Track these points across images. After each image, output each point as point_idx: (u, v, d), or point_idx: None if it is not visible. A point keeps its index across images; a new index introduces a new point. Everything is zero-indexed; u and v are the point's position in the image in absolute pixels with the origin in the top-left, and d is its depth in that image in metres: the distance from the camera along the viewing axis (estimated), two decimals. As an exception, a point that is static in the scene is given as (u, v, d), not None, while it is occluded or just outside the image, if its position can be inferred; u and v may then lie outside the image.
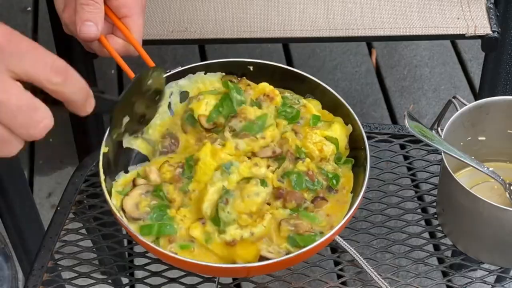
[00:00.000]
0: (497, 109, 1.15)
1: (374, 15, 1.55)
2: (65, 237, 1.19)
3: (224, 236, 1.04)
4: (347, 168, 1.13)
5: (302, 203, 1.07)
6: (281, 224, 1.05)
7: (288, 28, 1.54)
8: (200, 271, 1.09)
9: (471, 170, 1.14)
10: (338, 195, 1.10)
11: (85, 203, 1.24)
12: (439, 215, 1.17)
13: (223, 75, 1.18)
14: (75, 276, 1.14)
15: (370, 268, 1.09)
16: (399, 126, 1.32)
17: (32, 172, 2.21)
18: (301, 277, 1.14)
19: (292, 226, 1.05)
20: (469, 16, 1.53)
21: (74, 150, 1.96)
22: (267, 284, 1.11)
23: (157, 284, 1.13)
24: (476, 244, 1.11)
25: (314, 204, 1.08)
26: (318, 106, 1.17)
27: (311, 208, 1.08)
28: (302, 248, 1.01)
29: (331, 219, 1.08)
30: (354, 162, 1.13)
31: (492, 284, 1.12)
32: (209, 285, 1.13)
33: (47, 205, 2.13)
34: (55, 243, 1.18)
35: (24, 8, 2.58)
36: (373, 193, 1.23)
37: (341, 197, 1.10)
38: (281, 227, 1.05)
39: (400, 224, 1.19)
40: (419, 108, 2.37)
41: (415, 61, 2.50)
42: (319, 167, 1.10)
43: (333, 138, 1.12)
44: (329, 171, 1.10)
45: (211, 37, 1.55)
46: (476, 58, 2.50)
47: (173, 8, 1.58)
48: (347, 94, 2.40)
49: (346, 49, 2.52)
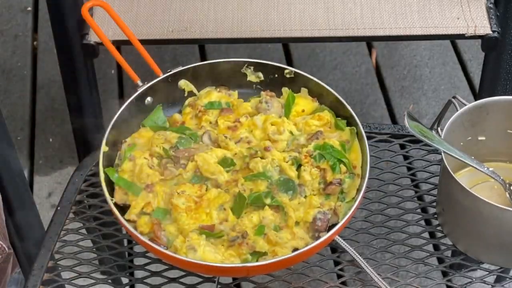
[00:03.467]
0: (497, 109, 1.15)
1: (374, 15, 1.55)
2: (65, 237, 1.19)
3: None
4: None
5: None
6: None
7: (288, 28, 1.54)
8: (200, 271, 1.09)
9: (471, 170, 1.14)
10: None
11: (85, 203, 1.24)
12: (439, 215, 1.17)
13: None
14: (75, 276, 1.14)
15: (370, 268, 1.09)
16: (399, 126, 1.32)
17: (32, 172, 2.20)
18: (301, 277, 1.14)
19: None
20: (469, 16, 1.53)
21: (74, 150, 1.96)
22: (267, 284, 1.11)
23: (157, 284, 1.13)
24: (476, 244, 1.11)
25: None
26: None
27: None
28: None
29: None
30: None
31: (492, 284, 1.12)
32: (209, 285, 1.13)
33: (47, 205, 2.13)
34: (55, 243, 1.18)
35: (24, 8, 2.58)
36: (373, 193, 1.23)
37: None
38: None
39: (400, 224, 1.19)
40: (419, 108, 2.37)
41: (415, 61, 2.50)
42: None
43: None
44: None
45: (211, 37, 1.55)
46: (476, 58, 2.49)
47: (173, 8, 1.58)
48: (347, 94, 2.39)
49: (346, 49, 2.51)
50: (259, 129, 1.18)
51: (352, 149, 1.15)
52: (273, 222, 1.09)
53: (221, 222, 1.10)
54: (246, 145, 1.16)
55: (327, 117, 1.18)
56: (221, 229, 1.09)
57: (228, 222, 1.10)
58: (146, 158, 1.15)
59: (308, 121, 1.18)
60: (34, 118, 2.32)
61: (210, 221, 1.10)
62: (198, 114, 1.21)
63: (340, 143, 1.15)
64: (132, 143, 1.18)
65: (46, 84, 2.36)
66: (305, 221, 1.10)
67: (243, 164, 1.15)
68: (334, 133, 1.18)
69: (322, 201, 1.11)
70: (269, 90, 1.23)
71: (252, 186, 1.12)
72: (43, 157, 2.23)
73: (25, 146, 2.26)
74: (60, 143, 2.25)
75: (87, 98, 1.65)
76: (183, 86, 1.24)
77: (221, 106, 1.21)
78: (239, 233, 1.08)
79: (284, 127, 1.17)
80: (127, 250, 1.24)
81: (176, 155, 1.15)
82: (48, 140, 2.26)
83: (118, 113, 1.17)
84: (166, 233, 1.09)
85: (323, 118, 1.18)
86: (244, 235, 1.07)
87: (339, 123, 1.18)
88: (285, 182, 1.12)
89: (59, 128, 2.25)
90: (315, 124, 1.18)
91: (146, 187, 1.13)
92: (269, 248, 1.07)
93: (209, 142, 1.17)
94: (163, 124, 1.21)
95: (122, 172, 1.15)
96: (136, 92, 1.19)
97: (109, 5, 1.23)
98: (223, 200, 1.11)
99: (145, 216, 1.11)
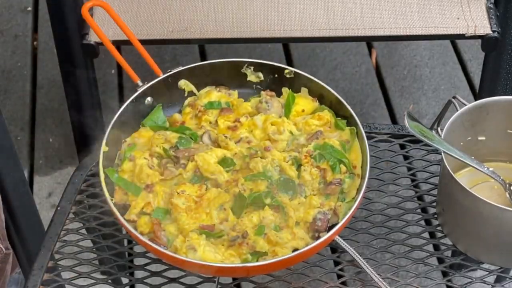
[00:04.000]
0: (497, 109, 1.15)
1: (374, 15, 1.55)
2: (65, 237, 1.19)
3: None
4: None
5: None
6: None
7: (288, 28, 1.54)
8: (200, 271, 1.09)
9: (471, 170, 1.14)
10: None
11: (85, 203, 1.24)
12: (439, 215, 1.17)
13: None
14: (75, 276, 1.14)
15: (370, 268, 1.09)
16: (399, 126, 1.32)
17: (32, 172, 2.20)
18: (301, 277, 1.14)
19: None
20: (469, 16, 1.53)
21: (74, 150, 1.96)
22: (267, 284, 1.11)
23: (157, 284, 1.13)
24: (476, 244, 1.11)
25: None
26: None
27: None
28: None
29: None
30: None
31: (492, 284, 1.12)
32: (209, 285, 1.13)
33: (47, 205, 2.13)
34: (55, 243, 1.18)
35: (24, 8, 2.58)
36: (373, 193, 1.23)
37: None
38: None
39: (400, 224, 1.19)
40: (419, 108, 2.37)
41: (415, 61, 2.50)
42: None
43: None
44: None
45: (211, 37, 1.55)
46: (476, 58, 2.49)
47: (173, 8, 1.58)
48: (347, 94, 2.39)
49: (346, 49, 2.51)
50: (259, 129, 1.18)
51: (352, 149, 1.16)
52: (273, 222, 1.09)
53: (221, 222, 1.10)
54: (246, 145, 1.16)
55: (327, 117, 1.18)
56: (221, 229, 1.09)
57: (228, 222, 1.10)
58: (146, 158, 1.15)
59: (308, 120, 1.18)
60: (34, 118, 2.31)
61: (210, 221, 1.10)
62: (198, 114, 1.21)
63: (340, 143, 1.15)
64: (132, 143, 1.18)
65: (46, 84, 2.36)
66: (305, 221, 1.10)
67: (243, 164, 1.15)
68: (334, 133, 1.18)
69: (322, 201, 1.11)
70: (269, 90, 1.23)
71: (252, 186, 1.12)
72: (43, 157, 2.23)
73: (25, 146, 2.26)
74: (60, 143, 2.25)
75: (87, 98, 1.65)
76: (183, 86, 1.24)
77: (221, 106, 1.21)
78: (239, 233, 1.08)
79: (284, 127, 1.17)
80: (127, 250, 1.24)
81: (176, 155, 1.15)
82: (48, 140, 2.26)
83: (118, 113, 1.17)
84: (166, 233, 1.09)
85: (323, 118, 1.18)
86: (244, 235, 1.07)
87: (339, 123, 1.18)
88: (285, 182, 1.12)
89: (59, 128, 2.25)
90: (315, 124, 1.18)
91: (146, 187, 1.13)
92: (269, 248, 1.07)
93: (209, 142, 1.17)
94: (163, 124, 1.21)
95: (122, 172, 1.15)
96: (136, 92, 1.20)
97: (109, 5, 1.23)
98: (223, 200, 1.11)
99: (145, 216, 1.11)
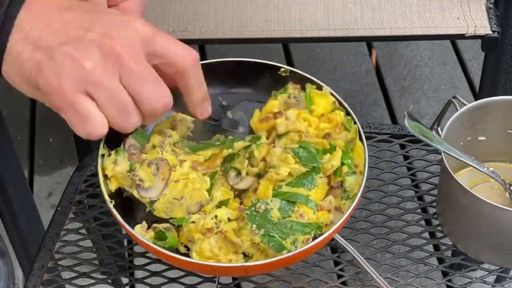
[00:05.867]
0: (497, 109, 1.15)
1: (374, 15, 1.55)
2: (65, 237, 1.19)
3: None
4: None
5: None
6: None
7: (288, 28, 1.54)
8: (200, 271, 1.09)
9: (471, 170, 1.14)
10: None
11: (85, 203, 1.24)
12: (439, 215, 1.17)
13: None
14: (75, 276, 1.14)
15: (371, 268, 1.09)
16: (399, 126, 1.32)
17: (32, 172, 2.21)
18: (301, 277, 1.14)
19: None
20: (469, 16, 1.53)
21: (74, 150, 1.96)
22: (267, 284, 1.11)
23: (157, 284, 1.13)
24: (476, 244, 1.11)
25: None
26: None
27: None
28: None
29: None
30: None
31: (492, 284, 1.12)
32: (209, 285, 1.13)
33: (47, 205, 2.13)
34: (55, 243, 1.18)
35: (24, 8, 2.58)
36: (373, 193, 1.23)
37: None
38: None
39: (400, 224, 1.19)
40: (419, 108, 2.37)
41: (415, 61, 2.50)
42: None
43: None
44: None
45: (211, 37, 1.55)
46: (476, 58, 2.49)
47: (173, 8, 1.58)
48: (347, 94, 2.39)
49: (346, 49, 2.52)
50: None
51: (355, 147, 1.14)
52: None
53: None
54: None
55: (337, 119, 1.16)
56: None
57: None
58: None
59: (319, 124, 1.16)
60: (34, 118, 2.32)
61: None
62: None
63: (345, 143, 1.13)
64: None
65: (46, 84, 2.36)
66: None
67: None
68: (342, 133, 1.15)
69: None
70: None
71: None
72: (43, 157, 2.23)
73: (25, 146, 2.26)
74: (60, 143, 2.25)
75: (87, 98, 1.64)
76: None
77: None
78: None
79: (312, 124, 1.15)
80: (127, 251, 1.24)
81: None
82: (48, 140, 2.27)
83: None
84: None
85: (333, 120, 1.15)
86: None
87: (346, 125, 1.15)
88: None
89: (59, 128, 2.25)
90: (326, 127, 1.15)
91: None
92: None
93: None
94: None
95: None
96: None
97: (109, 5, 1.23)
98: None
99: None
